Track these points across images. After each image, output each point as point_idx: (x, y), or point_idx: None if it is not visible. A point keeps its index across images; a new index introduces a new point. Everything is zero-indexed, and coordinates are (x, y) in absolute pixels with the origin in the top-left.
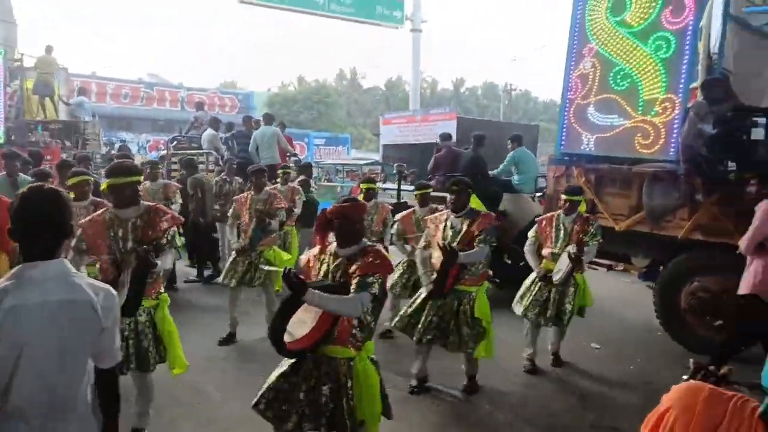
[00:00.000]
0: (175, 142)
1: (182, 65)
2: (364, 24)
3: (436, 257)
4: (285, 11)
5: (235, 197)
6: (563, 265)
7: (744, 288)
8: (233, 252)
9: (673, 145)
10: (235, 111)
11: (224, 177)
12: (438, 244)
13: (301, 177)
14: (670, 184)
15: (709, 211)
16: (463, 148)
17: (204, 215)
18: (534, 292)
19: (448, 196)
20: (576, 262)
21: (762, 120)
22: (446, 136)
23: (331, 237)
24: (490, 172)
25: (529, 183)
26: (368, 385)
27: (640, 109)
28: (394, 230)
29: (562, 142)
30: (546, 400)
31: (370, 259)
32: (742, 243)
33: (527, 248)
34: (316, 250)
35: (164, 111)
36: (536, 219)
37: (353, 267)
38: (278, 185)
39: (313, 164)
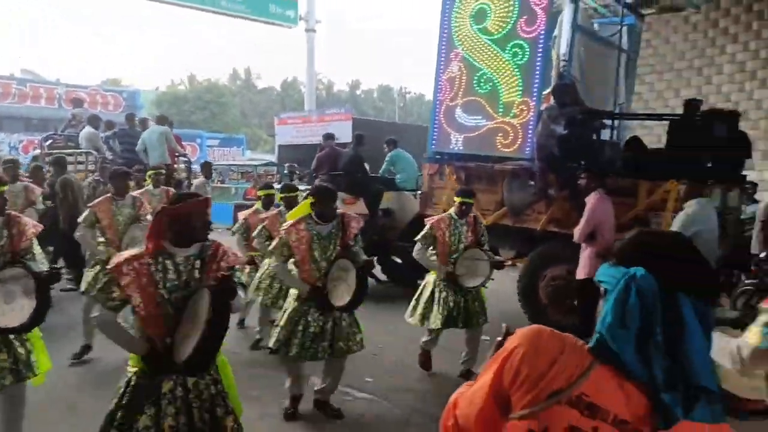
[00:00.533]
0: (50, 141)
1: (60, 61)
2: (256, 22)
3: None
4: (173, 6)
5: (90, 203)
6: (479, 270)
7: (581, 273)
8: (95, 261)
9: (529, 144)
10: (120, 110)
11: (97, 178)
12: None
13: (200, 178)
14: (527, 180)
15: (562, 205)
16: (348, 147)
17: (73, 219)
18: (443, 298)
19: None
20: (499, 267)
21: (608, 122)
22: (329, 136)
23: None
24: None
25: (411, 181)
26: (227, 375)
27: (500, 111)
28: (257, 232)
29: (434, 142)
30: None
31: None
32: (576, 233)
33: (421, 251)
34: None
35: (39, 109)
36: (424, 218)
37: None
38: (149, 187)
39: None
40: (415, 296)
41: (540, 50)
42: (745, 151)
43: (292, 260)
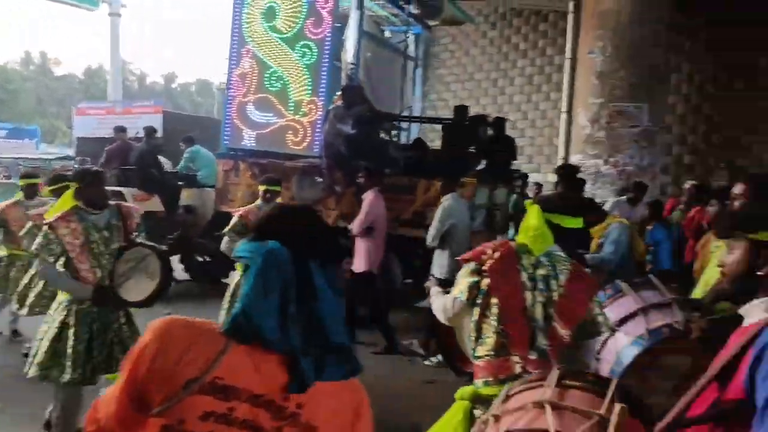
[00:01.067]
0: None
1: None
2: (53, 3)
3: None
4: None
5: None
6: None
7: (360, 266)
8: None
9: (317, 142)
10: None
11: None
12: None
13: None
14: (315, 177)
15: (350, 201)
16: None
17: None
18: None
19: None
20: None
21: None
22: (119, 129)
23: None
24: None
25: (212, 177)
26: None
27: (290, 109)
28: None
29: (227, 138)
30: None
31: None
32: (354, 227)
33: (231, 245)
34: None
35: None
36: (224, 215)
37: None
38: None
39: None
40: (228, 296)
41: (327, 52)
42: (510, 154)
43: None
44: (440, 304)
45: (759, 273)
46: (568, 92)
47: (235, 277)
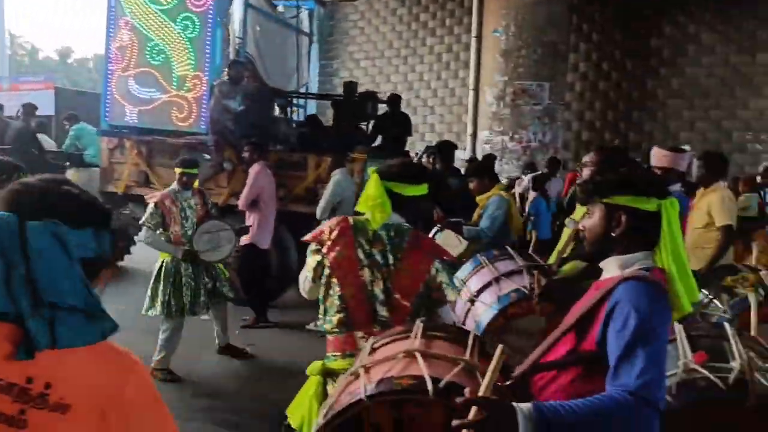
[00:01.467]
0: None
1: None
2: None
3: None
4: None
5: None
6: (222, 241)
7: (245, 239)
8: None
9: (203, 118)
10: None
11: None
12: None
13: None
14: (202, 154)
15: (241, 178)
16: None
17: None
18: (187, 282)
19: None
20: (244, 233)
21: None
22: None
23: None
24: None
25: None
26: None
27: (174, 84)
28: None
29: (107, 114)
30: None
31: None
32: (240, 201)
33: (151, 235)
34: None
35: None
36: (146, 198)
37: None
38: None
39: None
40: (151, 284)
41: (210, 25)
42: (404, 130)
43: None
44: (300, 280)
45: (613, 234)
46: (475, 70)
47: (159, 263)
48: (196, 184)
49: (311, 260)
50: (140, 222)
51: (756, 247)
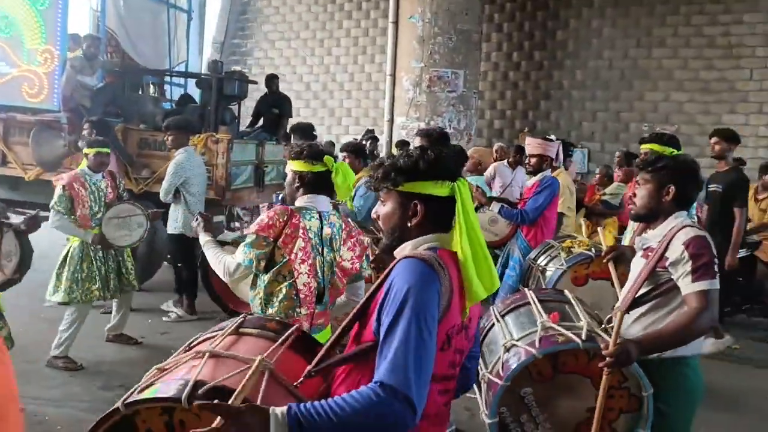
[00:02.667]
0: None
1: None
2: None
3: None
4: None
5: None
6: (132, 225)
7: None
8: None
9: (55, 94)
10: None
11: None
12: None
13: None
14: (57, 133)
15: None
16: None
17: None
18: (97, 268)
19: None
20: (156, 217)
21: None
22: None
23: None
24: None
25: None
26: None
27: (24, 58)
28: None
29: None
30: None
31: None
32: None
33: (61, 219)
34: None
35: None
36: (54, 181)
37: None
38: None
39: None
40: (56, 270)
41: None
42: (282, 111)
43: None
44: (222, 266)
45: (410, 224)
46: (392, 56)
47: (67, 248)
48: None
49: (254, 252)
50: (50, 205)
51: (601, 231)
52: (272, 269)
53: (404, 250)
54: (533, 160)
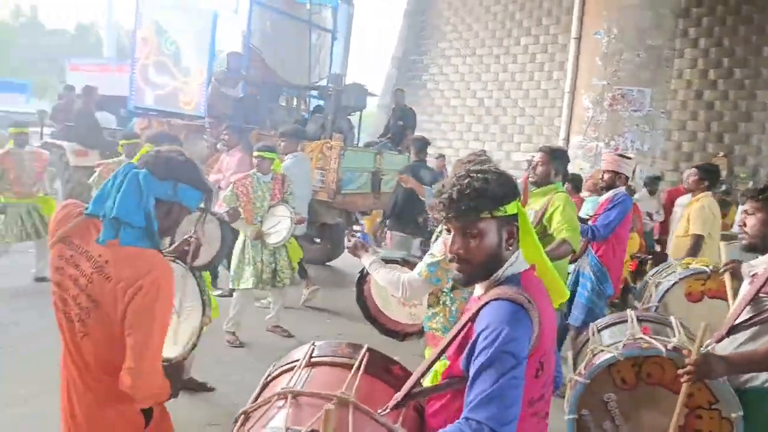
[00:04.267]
0: None
1: None
2: None
3: None
4: None
5: None
6: (281, 226)
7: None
8: None
9: (202, 103)
10: None
11: None
12: None
13: None
14: (200, 135)
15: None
16: None
17: None
18: (252, 257)
19: None
20: (300, 222)
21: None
22: (68, 87)
23: None
24: None
25: None
26: None
27: (181, 72)
28: None
29: (133, 96)
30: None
31: None
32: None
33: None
34: None
35: None
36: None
37: None
38: None
39: None
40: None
41: (213, 20)
42: (407, 123)
43: None
44: (399, 285)
45: (505, 249)
46: (572, 72)
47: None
48: (278, 167)
49: (440, 269)
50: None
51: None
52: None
53: (495, 279)
54: (606, 176)
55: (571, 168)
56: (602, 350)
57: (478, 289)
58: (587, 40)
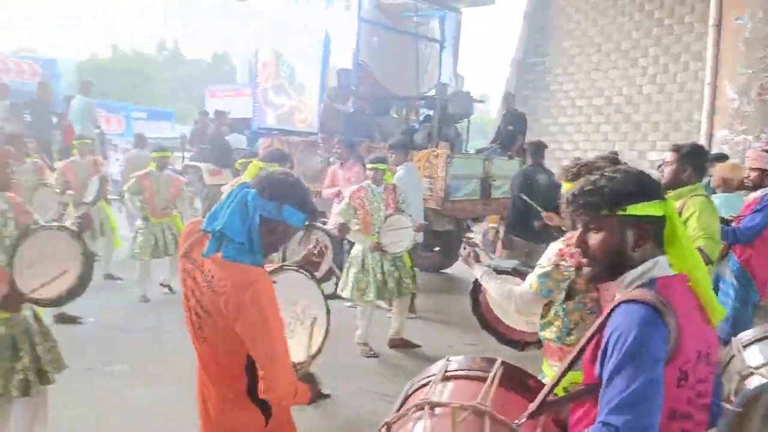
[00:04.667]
0: None
1: None
2: None
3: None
4: None
5: None
6: (402, 236)
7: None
8: None
9: (315, 120)
10: (36, 78)
11: None
12: None
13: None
14: (314, 150)
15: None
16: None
17: None
18: (372, 269)
19: None
20: (420, 230)
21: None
22: (202, 113)
23: None
24: None
25: None
26: None
27: (296, 91)
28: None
29: (255, 118)
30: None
31: None
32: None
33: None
34: None
35: None
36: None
37: None
38: (76, 157)
39: None
40: (345, 269)
41: (325, 39)
42: (517, 128)
43: None
44: (511, 296)
45: (631, 251)
46: (713, 62)
47: (353, 251)
48: (389, 178)
49: (551, 281)
50: (335, 212)
51: None
52: (575, 298)
53: (624, 281)
54: (753, 174)
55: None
56: (751, 373)
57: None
58: (728, 26)
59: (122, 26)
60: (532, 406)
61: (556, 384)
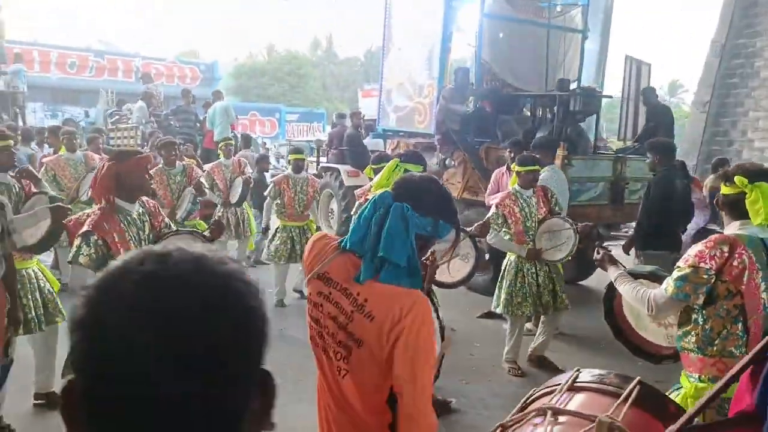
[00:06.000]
0: (116, 117)
1: (136, 32)
2: None
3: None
4: None
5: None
6: (562, 240)
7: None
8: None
9: (432, 121)
10: (197, 82)
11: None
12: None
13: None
14: (431, 152)
15: (473, 174)
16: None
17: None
18: (528, 282)
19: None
20: (585, 231)
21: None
22: (339, 116)
23: None
24: None
25: None
26: None
27: (416, 92)
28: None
29: (380, 120)
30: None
31: None
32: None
33: (496, 236)
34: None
35: (116, 82)
36: (490, 201)
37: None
38: (222, 159)
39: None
40: (498, 283)
41: (443, 38)
42: (658, 123)
43: None
44: (646, 301)
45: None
46: None
47: (506, 262)
48: (514, 182)
49: (689, 284)
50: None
51: None
52: (716, 303)
53: None
54: None
55: None
56: None
57: None
58: None
59: (277, 25)
60: (672, 428)
61: (703, 409)
